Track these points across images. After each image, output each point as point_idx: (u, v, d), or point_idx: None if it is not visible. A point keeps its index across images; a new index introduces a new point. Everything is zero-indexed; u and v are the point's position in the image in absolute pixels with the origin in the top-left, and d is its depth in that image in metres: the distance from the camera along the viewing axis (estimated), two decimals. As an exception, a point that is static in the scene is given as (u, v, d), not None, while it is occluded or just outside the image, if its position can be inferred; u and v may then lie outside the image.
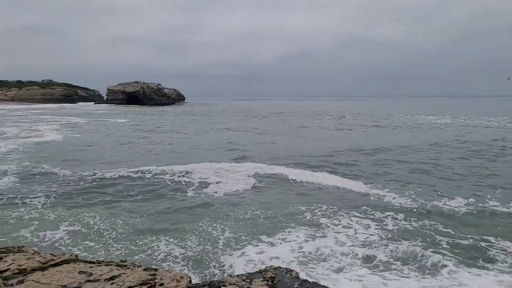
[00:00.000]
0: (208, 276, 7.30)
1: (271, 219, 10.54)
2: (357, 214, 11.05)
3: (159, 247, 8.61)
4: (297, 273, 3.89)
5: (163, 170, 16.65)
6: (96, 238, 9.08)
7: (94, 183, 14.38)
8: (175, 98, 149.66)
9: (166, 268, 7.32)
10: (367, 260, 8.10)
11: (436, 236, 9.39)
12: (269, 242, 8.96)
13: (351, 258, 8.16)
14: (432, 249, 8.58)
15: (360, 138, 30.84)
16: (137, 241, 8.93)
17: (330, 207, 11.62)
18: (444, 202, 12.19)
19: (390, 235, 9.45)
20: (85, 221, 10.18)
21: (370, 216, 10.91)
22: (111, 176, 15.42)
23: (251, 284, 3.48)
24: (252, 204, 11.90)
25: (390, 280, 7.20)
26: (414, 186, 14.30)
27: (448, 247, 8.74)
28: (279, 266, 3.98)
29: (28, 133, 32.78)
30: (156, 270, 3.78)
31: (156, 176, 15.65)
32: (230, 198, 12.71)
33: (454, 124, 44.64)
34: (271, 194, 13.29)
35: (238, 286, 3.45)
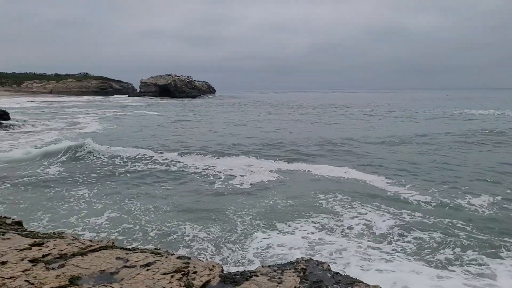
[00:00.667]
0: (226, 257, 7.88)
1: (290, 208, 10.93)
2: (374, 207, 10.99)
3: (186, 230, 9.26)
4: (329, 265, 3.87)
5: (205, 164, 16.94)
6: (132, 222, 9.83)
7: (134, 173, 15.29)
8: (206, 91, 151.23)
9: (195, 255, 7.66)
10: (379, 251, 8.13)
11: (454, 231, 9.19)
12: (282, 229, 9.39)
13: (360, 249, 8.24)
14: (447, 244, 8.45)
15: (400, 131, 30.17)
16: (168, 224, 9.61)
17: (347, 199, 11.70)
18: (468, 200, 11.76)
19: (406, 230, 9.36)
20: (127, 207, 10.95)
21: (387, 209, 10.86)
22: (149, 166, 16.07)
23: (282, 275, 3.49)
24: (275, 194, 12.30)
25: (402, 272, 7.17)
26: (442, 182, 13.90)
27: (465, 244, 8.54)
28: (310, 258, 3.97)
29: (70, 125, 34.10)
30: (189, 258, 3.85)
31: (193, 168, 16.00)
32: (254, 188, 13.23)
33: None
34: (294, 185, 13.55)
35: (269, 276, 3.48)
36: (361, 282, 3.56)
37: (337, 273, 3.72)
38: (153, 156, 18.38)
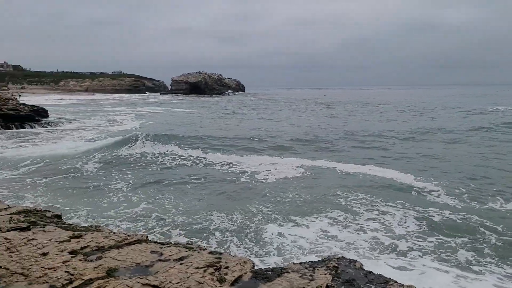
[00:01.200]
0: (245, 248, 8.18)
1: (308, 204, 11.05)
2: (397, 205, 10.80)
3: (212, 221, 9.68)
4: (361, 264, 3.82)
5: (232, 159, 17.16)
6: (164, 213, 10.28)
7: (167, 168, 15.86)
8: (235, 88, 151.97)
9: (217, 244, 7.80)
10: (393, 249, 8.06)
11: (482, 232, 8.89)
12: (297, 223, 9.59)
13: (376, 246, 8.17)
14: (474, 246, 8.21)
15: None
16: (195, 216, 10.04)
17: (369, 196, 11.55)
18: (499, 201, 11.28)
19: (428, 229, 9.17)
20: (159, 201, 11.39)
21: (411, 207, 10.63)
22: (181, 162, 16.51)
23: (314, 273, 3.47)
24: (296, 190, 12.46)
25: (422, 272, 7.03)
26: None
27: (494, 245, 8.25)
28: (342, 256, 3.93)
29: (108, 122, 35.14)
30: (220, 254, 3.89)
31: (220, 163, 16.17)
32: (278, 183, 13.47)
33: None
34: (316, 181, 13.64)
35: (300, 273, 3.47)
36: (395, 281, 3.49)
37: (370, 272, 3.67)
38: (186, 151, 18.83)
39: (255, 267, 3.82)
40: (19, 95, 55.01)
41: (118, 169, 15.28)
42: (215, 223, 9.50)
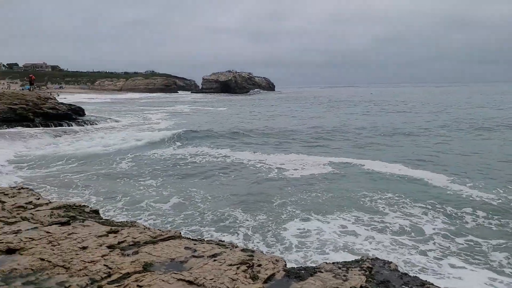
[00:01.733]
0: (269, 242, 8.30)
1: (331, 202, 10.99)
2: (427, 206, 10.50)
3: (237, 217, 9.84)
4: (396, 265, 3.74)
5: (258, 157, 17.19)
6: (192, 208, 10.55)
7: (198, 165, 16.15)
8: (265, 87, 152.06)
9: (241, 239, 7.78)
10: (422, 250, 7.85)
11: None
12: (319, 220, 9.56)
13: (401, 245, 8.01)
14: (505, 249, 7.87)
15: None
16: (221, 211, 10.24)
17: (398, 196, 11.29)
18: None
19: (459, 231, 8.88)
20: (188, 196, 11.67)
21: (440, 208, 10.34)
22: (210, 159, 16.65)
23: (347, 273, 3.43)
24: (321, 187, 12.40)
25: (450, 276, 6.82)
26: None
27: None
28: (376, 257, 3.86)
29: (142, 120, 36.01)
30: (253, 251, 3.91)
31: (248, 160, 16.25)
32: (303, 180, 13.44)
33: None
34: (342, 180, 13.53)
35: (334, 273, 3.43)
36: (432, 284, 3.39)
37: (406, 274, 3.58)
38: (218, 149, 19.00)
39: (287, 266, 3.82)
40: (58, 95, 57.26)
41: (150, 166, 15.66)
42: (240, 220, 9.65)
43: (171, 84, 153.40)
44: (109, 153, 18.40)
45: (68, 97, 63.22)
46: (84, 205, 5.12)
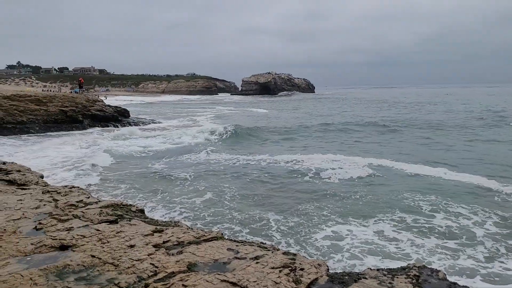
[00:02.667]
0: (300, 247, 8.05)
1: (371, 205, 10.65)
2: (474, 210, 9.98)
3: (269, 218, 9.70)
4: (445, 274, 3.58)
5: (294, 158, 17.12)
6: (226, 209, 10.49)
7: (234, 166, 16.16)
8: (305, 88, 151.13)
9: (274, 242, 7.71)
10: (471, 255, 7.52)
11: None
12: (356, 224, 9.29)
13: (448, 252, 7.70)
14: None
15: None
16: (251, 212, 10.12)
17: (444, 200, 10.78)
18: None
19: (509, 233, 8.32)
20: (223, 197, 11.60)
21: (491, 212, 9.78)
22: (253, 163, 16.64)
23: (393, 280, 3.33)
24: (361, 190, 12.08)
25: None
26: None
27: None
28: (424, 265, 3.72)
29: (186, 122, 36.82)
30: (294, 255, 3.88)
31: (284, 162, 16.19)
32: (342, 183, 13.17)
33: None
34: (382, 183, 13.12)
35: (379, 280, 3.34)
36: (484, 296, 3.23)
37: (455, 283, 3.43)
38: (261, 151, 19.05)
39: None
40: (105, 97, 59.91)
41: (189, 166, 15.90)
42: (274, 221, 9.49)
43: (211, 86, 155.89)
44: (149, 154, 18.95)
45: (114, 99, 65.76)
46: (131, 205, 5.30)
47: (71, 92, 47.79)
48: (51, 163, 15.89)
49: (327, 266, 3.79)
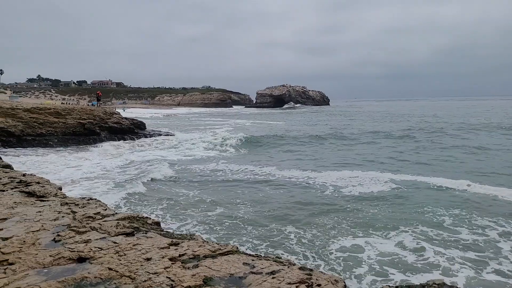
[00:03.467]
0: (317, 262, 7.96)
1: (391, 219, 10.50)
2: (501, 223, 9.78)
3: (289, 232, 9.60)
4: (466, 292, 3.50)
5: (310, 174, 17.01)
6: (242, 223, 10.41)
7: (249, 179, 16.10)
8: (320, 101, 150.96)
9: (292, 258, 7.61)
10: (497, 270, 7.32)
11: None
12: (376, 237, 9.16)
13: (472, 266, 7.52)
14: None
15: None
16: (270, 227, 10.05)
17: (469, 214, 10.63)
18: None
19: None
20: (238, 209, 11.42)
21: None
22: (269, 178, 16.60)
23: (412, 298, 3.26)
24: (382, 204, 11.94)
25: None
26: None
27: None
28: (443, 282, 3.64)
29: (211, 135, 37.10)
30: (311, 270, 3.84)
31: (303, 177, 16.10)
32: (362, 197, 13.00)
33: None
34: (404, 196, 12.95)
35: (397, 297, 3.28)
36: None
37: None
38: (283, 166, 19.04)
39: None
40: (124, 110, 61.15)
41: (204, 176, 15.99)
42: (292, 235, 9.37)
43: (226, 99, 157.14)
44: (166, 166, 19.14)
45: (130, 111, 66.88)
46: (147, 217, 5.33)
47: (89, 104, 48.82)
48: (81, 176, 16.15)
49: (344, 283, 3.73)
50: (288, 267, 3.82)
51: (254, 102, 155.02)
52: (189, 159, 21.13)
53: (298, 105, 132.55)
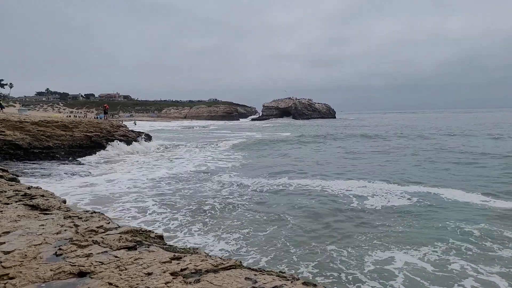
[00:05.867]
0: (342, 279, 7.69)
1: (414, 233, 10.37)
2: None
3: (309, 247, 9.33)
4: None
5: (333, 185, 16.92)
6: (265, 238, 10.10)
7: (275, 190, 16.06)
8: (325, 113, 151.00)
9: (314, 272, 7.47)
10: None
11: None
12: (399, 252, 8.96)
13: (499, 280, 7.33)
14: None
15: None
16: (292, 243, 9.72)
17: (495, 226, 10.47)
18: None
19: None
20: (252, 226, 11.15)
21: None
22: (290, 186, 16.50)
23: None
24: (403, 219, 11.75)
25: None
26: None
27: None
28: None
29: (202, 146, 37.21)
30: (315, 285, 3.77)
31: (327, 189, 16.01)
32: (383, 211, 12.71)
33: None
34: (424, 210, 12.75)
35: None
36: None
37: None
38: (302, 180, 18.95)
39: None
40: (135, 124, 62.07)
41: (213, 191, 15.94)
42: (311, 250, 9.19)
43: (232, 111, 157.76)
44: (167, 178, 19.13)
45: (142, 124, 67.53)
46: (150, 231, 5.30)
47: (96, 117, 49.29)
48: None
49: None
50: (292, 281, 3.76)
51: (260, 114, 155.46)
52: (194, 172, 21.10)
53: (300, 120, 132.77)
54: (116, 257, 3.86)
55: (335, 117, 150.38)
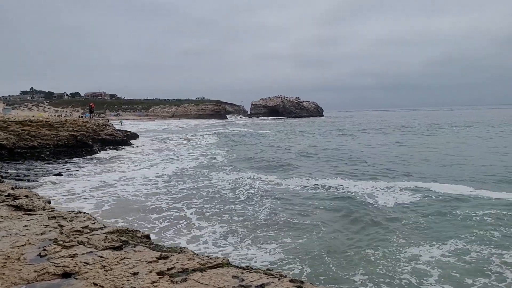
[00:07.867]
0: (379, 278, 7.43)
1: (428, 230, 10.28)
2: None
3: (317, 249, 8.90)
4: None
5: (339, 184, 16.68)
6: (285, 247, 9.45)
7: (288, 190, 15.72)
8: (313, 111, 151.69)
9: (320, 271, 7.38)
10: None
11: None
12: (415, 250, 8.79)
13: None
14: None
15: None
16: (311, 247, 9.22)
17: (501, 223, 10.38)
18: None
19: None
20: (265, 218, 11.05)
21: None
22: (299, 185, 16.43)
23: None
24: (413, 216, 11.64)
25: None
26: None
27: None
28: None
29: (194, 142, 37.06)
30: (302, 282, 3.78)
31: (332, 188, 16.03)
32: (395, 208, 12.65)
33: None
34: (431, 206, 12.68)
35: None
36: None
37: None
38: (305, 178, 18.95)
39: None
40: (121, 123, 61.47)
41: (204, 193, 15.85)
42: (319, 252, 8.75)
43: (220, 110, 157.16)
44: (152, 176, 18.98)
45: (130, 124, 66.78)
46: (136, 230, 5.26)
47: (81, 117, 48.66)
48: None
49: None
50: (279, 279, 3.76)
51: (248, 112, 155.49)
52: (174, 169, 20.97)
53: (289, 119, 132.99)
54: (101, 257, 3.82)
55: (323, 115, 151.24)
